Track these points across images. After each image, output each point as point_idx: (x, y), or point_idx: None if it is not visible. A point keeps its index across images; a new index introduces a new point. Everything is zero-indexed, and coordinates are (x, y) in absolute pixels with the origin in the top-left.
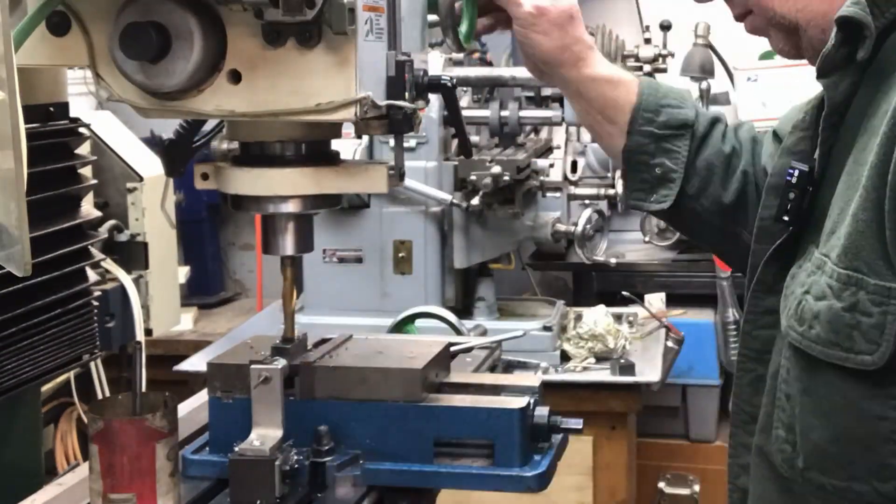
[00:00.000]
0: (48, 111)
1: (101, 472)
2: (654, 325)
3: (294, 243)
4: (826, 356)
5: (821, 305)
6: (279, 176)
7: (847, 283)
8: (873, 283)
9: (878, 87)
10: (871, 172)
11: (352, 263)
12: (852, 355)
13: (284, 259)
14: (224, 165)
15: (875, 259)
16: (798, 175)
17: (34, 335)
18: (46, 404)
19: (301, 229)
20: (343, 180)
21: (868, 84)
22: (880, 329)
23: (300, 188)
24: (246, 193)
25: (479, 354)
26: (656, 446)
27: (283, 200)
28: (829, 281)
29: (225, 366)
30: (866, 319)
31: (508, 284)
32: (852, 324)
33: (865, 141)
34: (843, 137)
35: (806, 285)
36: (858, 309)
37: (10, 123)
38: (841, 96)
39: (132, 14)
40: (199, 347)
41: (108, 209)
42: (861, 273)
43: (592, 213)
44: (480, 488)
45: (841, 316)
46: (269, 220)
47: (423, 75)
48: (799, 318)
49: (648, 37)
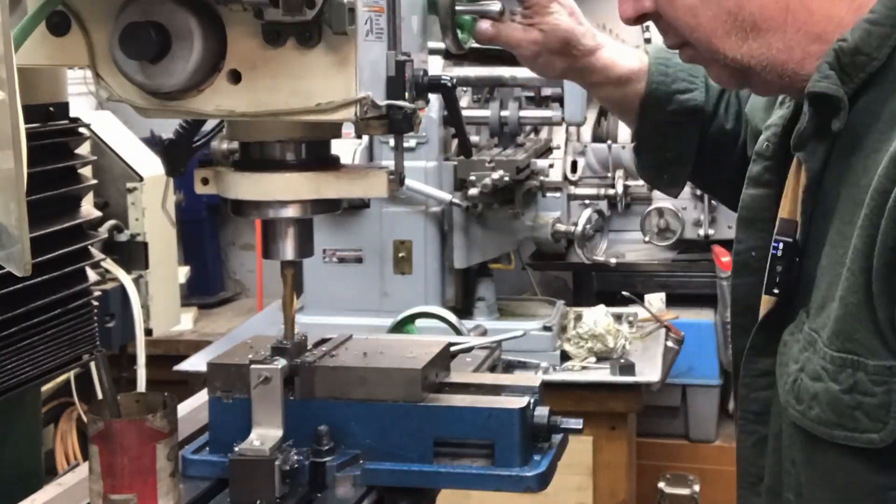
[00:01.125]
0: (48, 111)
1: (101, 473)
2: (653, 326)
3: (294, 248)
4: (830, 437)
5: (818, 387)
6: (279, 181)
7: (842, 365)
8: (872, 364)
9: (853, 153)
10: (855, 255)
11: (352, 263)
12: (857, 434)
13: (284, 264)
14: (224, 170)
15: (870, 340)
16: (783, 248)
17: (34, 335)
18: (46, 404)
19: (301, 234)
20: (343, 185)
21: (841, 148)
22: (886, 408)
23: (300, 193)
24: (246, 198)
25: (479, 354)
26: (656, 446)
27: (283, 205)
28: (823, 363)
29: (225, 366)
30: (869, 399)
31: (508, 284)
32: (853, 405)
33: (849, 211)
34: (822, 202)
35: (800, 362)
36: (858, 390)
37: (10, 123)
38: (818, 165)
39: (132, 14)
40: (199, 347)
41: (108, 209)
42: (856, 355)
43: (592, 213)
44: (480, 488)
45: (840, 398)
46: (269, 224)
47: (423, 75)
48: (797, 396)
49: (648, 36)
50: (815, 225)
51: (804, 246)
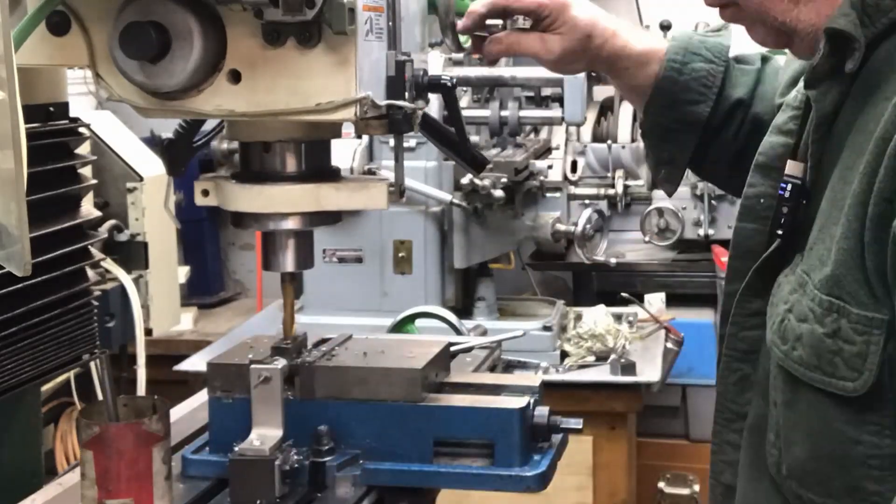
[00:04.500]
0: (48, 111)
1: (95, 478)
2: (653, 326)
3: (294, 260)
4: (809, 378)
5: (804, 328)
6: (279, 193)
7: (829, 309)
8: (856, 312)
9: (867, 100)
10: (853, 201)
11: (352, 263)
12: (834, 380)
13: (284, 275)
14: (224, 182)
15: (858, 288)
16: (791, 189)
17: (34, 335)
18: (46, 404)
19: (301, 245)
20: (343, 197)
21: (856, 95)
22: (863, 357)
23: (300, 205)
24: (246, 210)
25: (479, 354)
26: (656, 446)
27: (284, 217)
28: (811, 304)
29: (225, 366)
30: (848, 347)
31: (508, 284)
32: (834, 349)
33: (852, 158)
34: (831, 148)
35: (789, 303)
36: (840, 336)
37: (10, 123)
38: (829, 107)
39: (132, 14)
40: (199, 347)
41: (108, 209)
42: (843, 301)
43: (592, 213)
44: (480, 488)
45: (823, 341)
46: (270, 236)
47: (423, 75)
48: (782, 336)
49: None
50: (822, 170)
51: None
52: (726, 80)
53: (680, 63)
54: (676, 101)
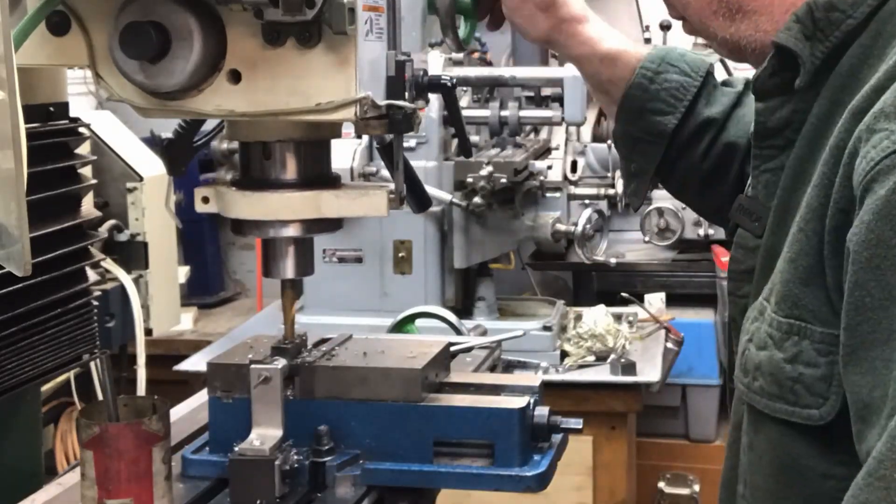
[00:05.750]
0: (48, 111)
1: (95, 478)
2: (653, 326)
3: (294, 266)
4: (772, 410)
5: (762, 356)
6: (279, 200)
7: (788, 332)
8: (819, 331)
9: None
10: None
11: (352, 263)
12: (798, 409)
13: (285, 282)
14: (224, 189)
15: (819, 306)
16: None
17: (34, 335)
18: (46, 404)
19: (301, 252)
20: (343, 204)
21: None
22: (827, 381)
23: (300, 212)
24: (246, 217)
25: (479, 354)
26: (656, 446)
27: (284, 224)
28: (769, 330)
29: (225, 366)
30: (811, 371)
31: (508, 284)
32: (793, 376)
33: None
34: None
35: (749, 333)
36: (801, 360)
37: (10, 123)
38: (777, 122)
39: (132, 14)
40: (199, 347)
41: (108, 209)
42: (804, 321)
43: (592, 213)
44: (480, 488)
45: (782, 368)
46: (270, 243)
47: (423, 75)
48: (743, 368)
49: (648, 37)
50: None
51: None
52: (701, 97)
53: (653, 72)
54: (644, 111)
